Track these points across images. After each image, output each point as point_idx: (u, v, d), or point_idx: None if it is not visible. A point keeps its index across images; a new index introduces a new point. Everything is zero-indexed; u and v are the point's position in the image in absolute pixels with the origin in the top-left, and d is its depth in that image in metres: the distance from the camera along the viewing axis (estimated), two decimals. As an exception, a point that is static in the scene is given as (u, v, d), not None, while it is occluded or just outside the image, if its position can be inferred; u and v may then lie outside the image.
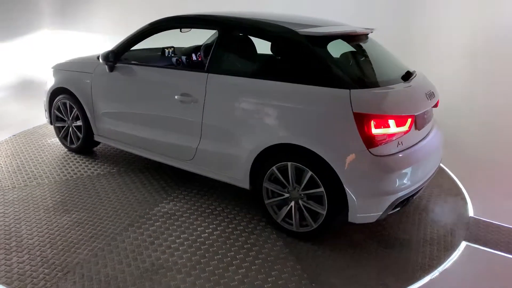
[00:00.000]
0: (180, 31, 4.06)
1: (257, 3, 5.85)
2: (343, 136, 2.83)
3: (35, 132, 5.23)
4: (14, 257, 2.80)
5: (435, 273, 2.80)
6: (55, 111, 4.54)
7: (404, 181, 2.90)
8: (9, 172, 4.07)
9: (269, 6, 5.91)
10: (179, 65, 4.33)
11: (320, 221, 2.99)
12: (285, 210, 3.15)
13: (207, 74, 3.37)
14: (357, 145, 2.77)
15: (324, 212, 2.94)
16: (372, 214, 2.88)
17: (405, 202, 3.02)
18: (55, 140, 4.86)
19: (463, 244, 3.14)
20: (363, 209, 2.85)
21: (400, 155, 2.91)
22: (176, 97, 3.48)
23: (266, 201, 3.23)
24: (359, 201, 2.82)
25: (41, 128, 5.38)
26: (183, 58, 4.48)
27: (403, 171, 2.88)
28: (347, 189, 2.82)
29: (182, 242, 3.04)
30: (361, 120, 2.76)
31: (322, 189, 2.91)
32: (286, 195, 3.11)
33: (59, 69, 4.54)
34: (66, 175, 4.04)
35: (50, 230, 3.13)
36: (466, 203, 3.74)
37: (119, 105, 3.97)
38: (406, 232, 3.26)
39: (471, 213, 3.59)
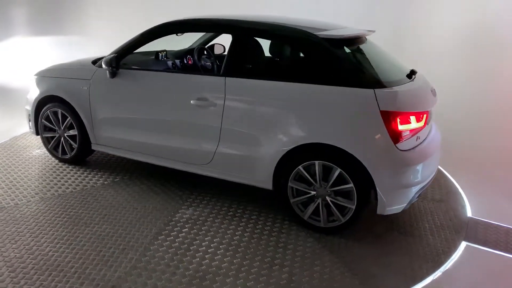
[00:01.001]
0: (176, 34, 4.02)
1: (249, 5, 5.90)
2: (371, 133, 2.99)
3: (14, 144, 4.90)
4: (49, 277, 2.66)
5: (437, 273, 2.87)
6: (43, 121, 4.30)
7: (424, 173, 3.13)
8: (4, 188, 3.81)
9: (262, 8, 5.97)
10: (175, 69, 4.29)
11: (349, 215, 3.14)
12: (312, 207, 3.26)
13: (224, 78, 3.38)
14: (385, 141, 2.95)
15: (354, 206, 3.10)
16: (399, 206, 3.08)
17: (420, 193, 3.25)
18: (41, 151, 4.60)
19: (463, 244, 3.23)
20: (391, 201, 3.04)
21: (419, 149, 3.14)
22: (192, 101, 3.46)
23: (292, 200, 3.32)
24: (388, 194, 3.00)
25: (20, 139, 5.05)
26: (177, 61, 4.44)
27: (423, 163, 3.11)
28: (377, 184, 2.99)
29: (217, 247, 3.05)
30: (388, 117, 2.94)
31: (351, 185, 3.05)
32: (313, 192, 3.22)
33: (45, 77, 4.30)
34: (68, 187, 3.85)
35: (76, 245, 3.00)
36: (464, 203, 3.83)
37: (124, 112, 3.85)
38: (405, 232, 3.33)
39: (469, 213, 3.67)
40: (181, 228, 3.27)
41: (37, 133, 4.45)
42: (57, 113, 4.19)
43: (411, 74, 3.53)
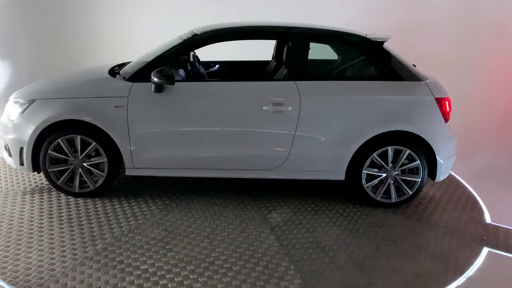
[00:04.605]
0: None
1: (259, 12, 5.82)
2: (431, 116, 3.68)
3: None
4: None
5: (461, 279, 2.88)
6: (51, 152, 3.58)
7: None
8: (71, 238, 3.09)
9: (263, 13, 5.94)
10: (190, 78, 4.17)
11: (415, 187, 3.76)
12: (382, 188, 3.76)
13: (294, 82, 3.57)
14: (440, 122, 3.69)
15: (419, 179, 3.74)
16: (446, 174, 3.85)
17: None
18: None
19: (485, 250, 3.24)
20: (444, 170, 3.79)
21: (451, 127, 3.97)
22: (264, 108, 3.53)
23: (366, 185, 3.75)
24: (444, 165, 3.74)
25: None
26: (181, 71, 4.29)
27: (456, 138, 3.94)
28: (438, 157, 3.69)
29: (343, 240, 3.29)
30: (440, 102, 3.69)
31: (418, 162, 3.69)
32: (384, 175, 3.73)
33: (47, 98, 3.59)
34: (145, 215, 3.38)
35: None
36: (482, 210, 3.88)
37: (177, 127, 3.58)
38: (425, 240, 3.36)
39: (488, 219, 3.72)
40: (292, 229, 3.37)
41: (36, 170, 3.67)
42: (75, 141, 3.57)
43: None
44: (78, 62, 6.09)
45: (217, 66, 4.95)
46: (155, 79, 3.42)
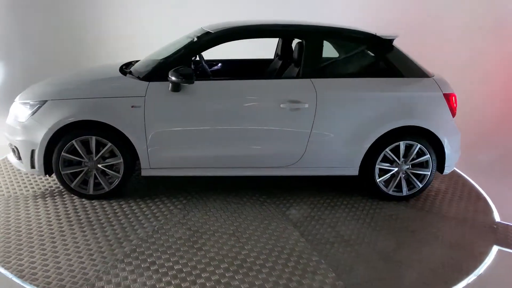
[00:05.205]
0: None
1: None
2: (440, 112, 3.81)
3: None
4: None
5: (471, 277, 2.89)
6: (64, 154, 3.50)
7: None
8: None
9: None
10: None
11: (425, 180, 3.89)
12: (394, 181, 3.88)
13: (310, 79, 3.63)
14: (448, 116, 3.84)
15: (429, 172, 3.87)
16: (452, 167, 4.01)
17: None
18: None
19: (495, 248, 3.23)
20: (451, 163, 3.94)
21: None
22: (281, 105, 3.56)
23: (378, 179, 3.85)
24: (451, 159, 3.89)
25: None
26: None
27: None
28: (446, 151, 3.84)
29: (364, 233, 3.39)
30: (448, 98, 3.83)
31: (428, 155, 3.82)
32: (395, 169, 3.84)
33: (61, 99, 3.49)
34: (167, 218, 3.35)
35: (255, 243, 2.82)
36: (490, 208, 3.90)
37: (195, 126, 3.57)
38: (441, 230, 3.48)
39: (497, 218, 3.73)
40: (308, 225, 3.42)
41: (47, 173, 3.58)
42: (90, 142, 3.50)
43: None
44: (77, 62, 5.95)
45: (219, 64, 4.94)
46: (173, 78, 3.39)
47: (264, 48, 4.95)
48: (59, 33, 6.63)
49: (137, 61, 4.25)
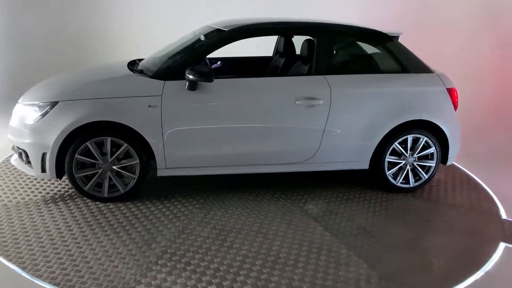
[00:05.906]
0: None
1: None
2: (444, 106, 3.98)
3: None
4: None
5: (479, 274, 2.89)
6: (78, 156, 3.39)
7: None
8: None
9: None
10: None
11: (430, 172, 4.06)
12: (402, 174, 4.02)
13: (324, 76, 3.70)
14: (451, 110, 4.02)
15: (434, 164, 4.04)
16: (454, 158, 4.19)
17: None
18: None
19: (502, 245, 3.23)
20: (453, 154, 4.13)
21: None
22: (297, 102, 3.61)
23: (387, 172, 3.98)
24: (453, 151, 4.08)
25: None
26: None
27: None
28: (450, 143, 4.02)
29: (383, 225, 3.49)
30: (451, 92, 4.00)
31: (433, 148, 3.98)
32: (403, 161, 3.98)
33: (73, 100, 3.37)
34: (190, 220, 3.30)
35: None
36: (497, 206, 3.91)
37: (212, 125, 3.55)
38: (453, 219, 3.62)
39: (504, 215, 3.74)
40: (329, 219, 3.49)
41: (58, 176, 3.45)
42: (104, 143, 3.41)
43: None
44: (76, 62, 5.75)
45: (219, 62, 4.91)
46: (191, 77, 3.36)
47: (257, 46, 4.96)
48: (56, 33, 6.42)
49: (140, 59, 4.18)
